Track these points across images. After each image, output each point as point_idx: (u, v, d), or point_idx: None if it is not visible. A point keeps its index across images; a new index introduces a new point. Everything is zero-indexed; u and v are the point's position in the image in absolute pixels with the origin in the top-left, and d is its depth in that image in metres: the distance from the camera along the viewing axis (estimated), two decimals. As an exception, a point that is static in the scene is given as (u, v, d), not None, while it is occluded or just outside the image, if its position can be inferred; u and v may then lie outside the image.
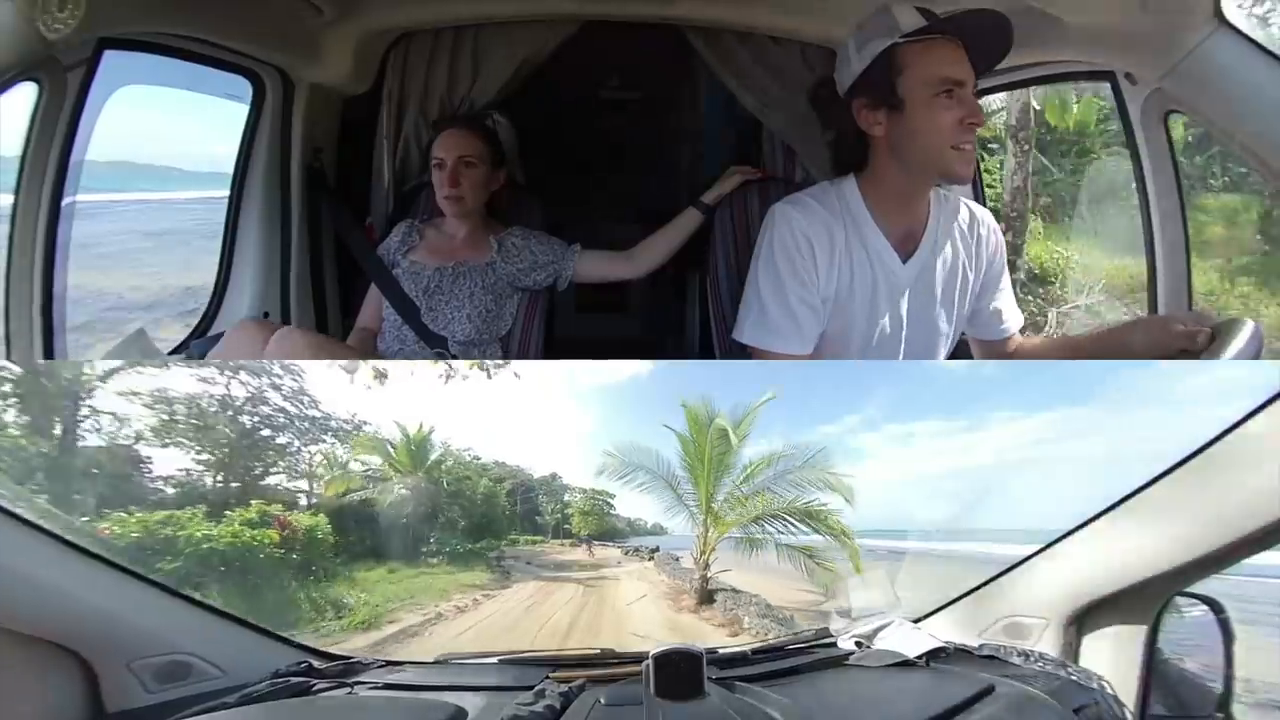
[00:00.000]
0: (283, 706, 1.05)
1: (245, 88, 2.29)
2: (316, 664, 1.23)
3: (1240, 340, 1.25)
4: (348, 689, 1.16)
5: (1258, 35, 1.36)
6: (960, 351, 1.88)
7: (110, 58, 1.69)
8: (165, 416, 6.34)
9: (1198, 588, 1.08)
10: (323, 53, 2.32)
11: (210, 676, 1.14)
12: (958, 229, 1.71)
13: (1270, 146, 1.36)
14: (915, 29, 1.51)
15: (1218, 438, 0.90)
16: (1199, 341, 1.37)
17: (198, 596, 1.20)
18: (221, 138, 2.35)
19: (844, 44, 1.63)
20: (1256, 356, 1.24)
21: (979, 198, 2.42)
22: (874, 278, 1.64)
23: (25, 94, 1.54)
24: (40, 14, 1.34)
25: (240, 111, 2.31)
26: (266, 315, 2.38)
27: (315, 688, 1.14)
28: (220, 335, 2.26)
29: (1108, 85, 1.78)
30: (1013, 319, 1.83)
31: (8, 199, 1.61)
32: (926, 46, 1.51)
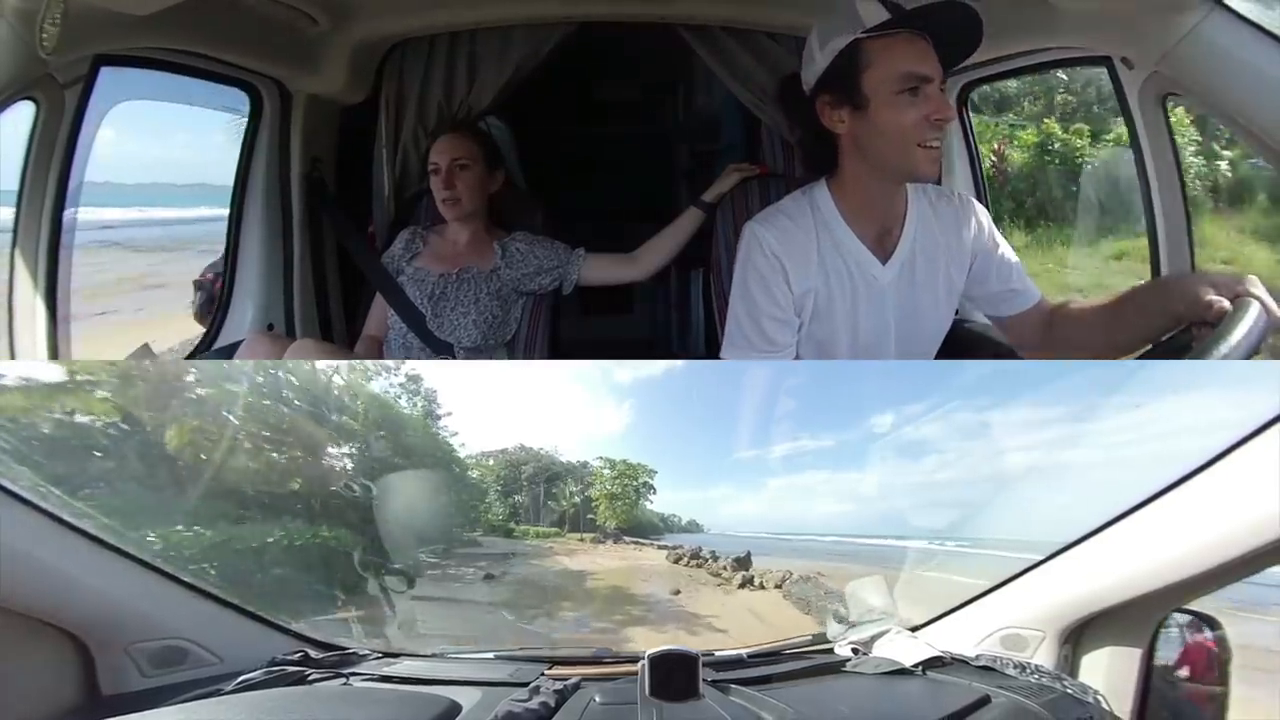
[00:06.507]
0: (278, 695, 1.05)
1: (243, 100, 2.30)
2: (313, 653, 1.23)
3: (1246, 320, 1.18)
4: (343, 679, 1.17)
5: (1255, 15, 1.34)
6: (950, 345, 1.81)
7: (107, 74, 1.69)
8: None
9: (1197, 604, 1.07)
10: (319, 63, 2.33)
11: (206, 662, 1.14)
12: (938, 221, 1.65)
13: (1270, 127, 1.34)
14: (879, 23, 1.43)
15: (1220, 455, 0.89)
16: (1214, 312, 1.22)
17: (196, 582, 1.20)
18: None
19: (807, 39, 1.56)
20: (1265, 332, 1.18)
21: (981, 194, 2.39)
22: (853, 284, 1.58)
23: (24, 113, 1.55)
24: (35, 33, 1.34)
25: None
26: (271, 327, 2.39)
27: (311, 677, 1.14)
28: (228, 348, 2.27)
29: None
30: (1030, 289, 1.72)
31: (9, 214, 1.62)
32: (891, 42, 1.44)
